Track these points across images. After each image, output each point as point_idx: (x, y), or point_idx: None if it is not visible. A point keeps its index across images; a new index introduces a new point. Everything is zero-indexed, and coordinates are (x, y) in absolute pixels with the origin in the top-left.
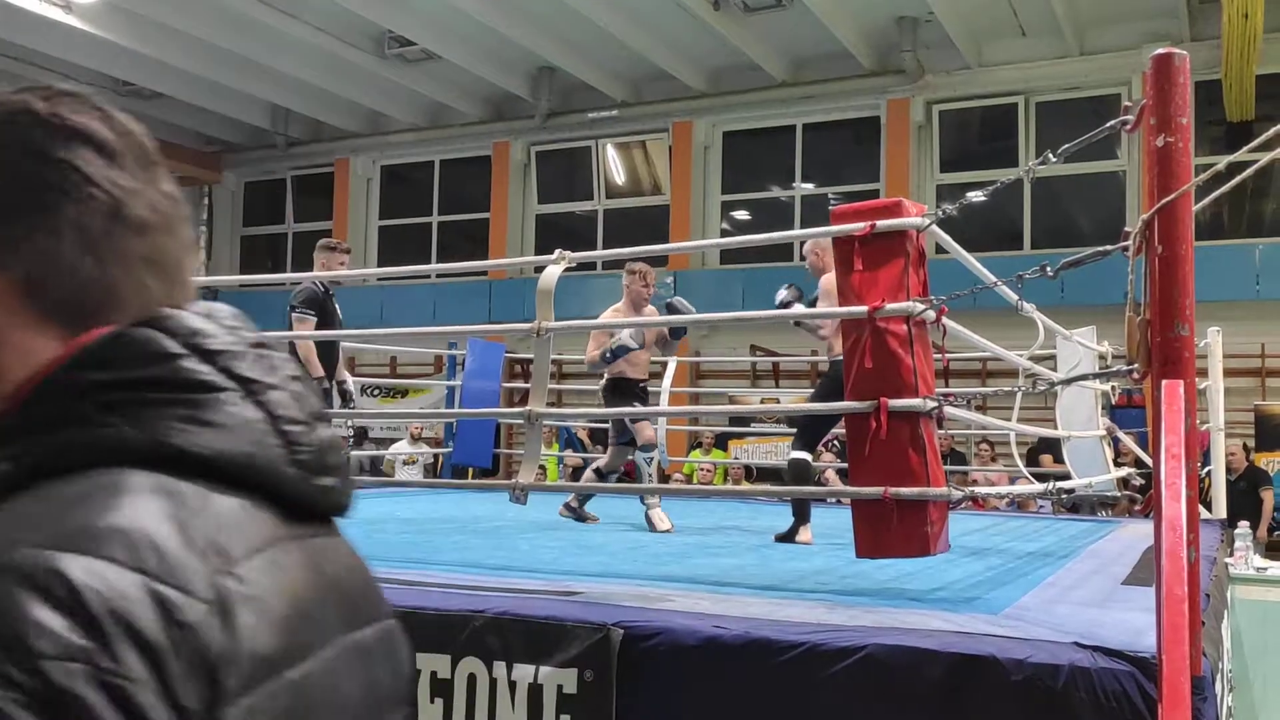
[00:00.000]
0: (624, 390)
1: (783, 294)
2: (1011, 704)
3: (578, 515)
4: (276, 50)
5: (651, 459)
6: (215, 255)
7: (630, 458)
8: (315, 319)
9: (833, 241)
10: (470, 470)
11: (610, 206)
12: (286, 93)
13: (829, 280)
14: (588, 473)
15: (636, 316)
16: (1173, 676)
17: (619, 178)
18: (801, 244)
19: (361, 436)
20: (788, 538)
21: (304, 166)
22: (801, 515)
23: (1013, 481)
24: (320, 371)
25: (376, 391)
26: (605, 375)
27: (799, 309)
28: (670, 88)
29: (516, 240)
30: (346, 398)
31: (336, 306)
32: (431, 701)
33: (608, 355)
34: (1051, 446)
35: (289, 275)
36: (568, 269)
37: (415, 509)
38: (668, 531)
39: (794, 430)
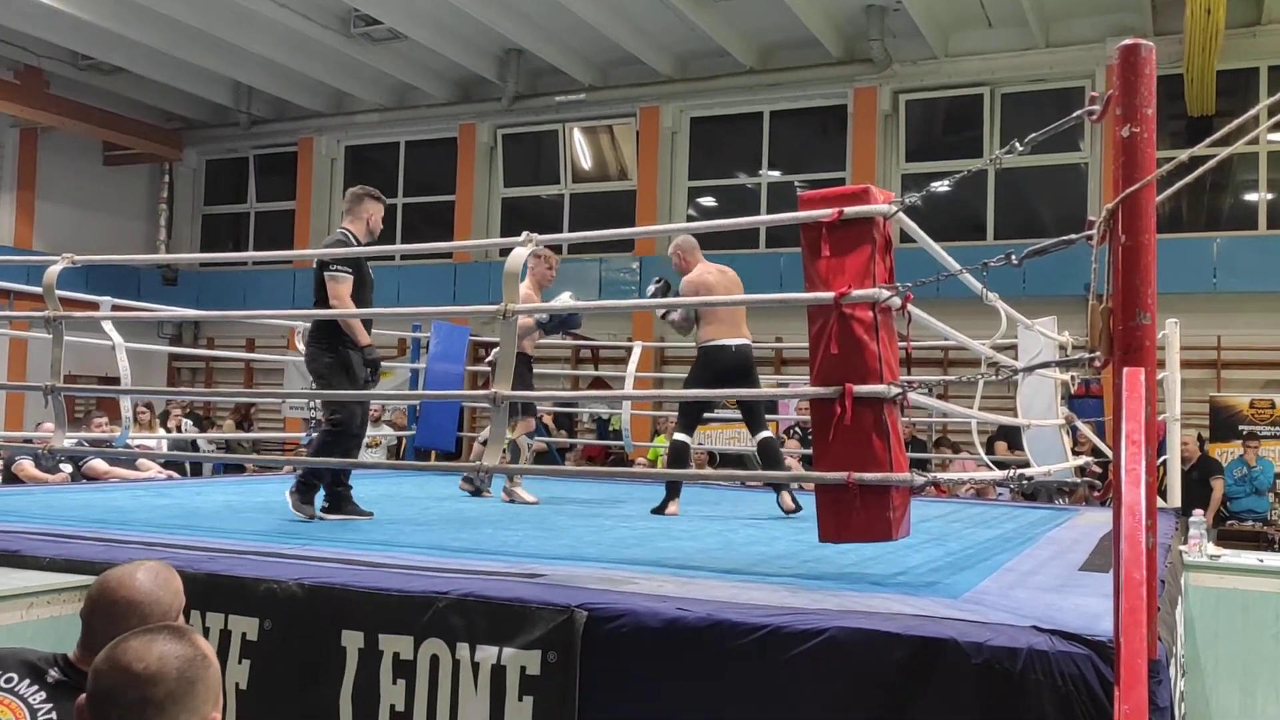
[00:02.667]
0: (527, 364)
1: (652, 287)
2: (971, 686)
3: (511, 497)
4: (240, 26)
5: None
6: (176, 234)
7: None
8: (352, 279)
9: (800, 228)
10: (433, 453)
11: (577, 191)
12: (250, 70)
13: (687, 281)
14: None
15: (538, 298)
16: (1130, 659)
17: (586, 162)
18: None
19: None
20: (660, 509)
21: (267, 145)
22: (673, 490)
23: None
24: (367, 339)
25: None
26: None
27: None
28: (638, 72)
29: (482, 224)
30: (376, 368)
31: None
32: (394, 683)
33: (550, 321)
34: (1008, 435)
35: (251, 254)
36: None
37: (378, 491)
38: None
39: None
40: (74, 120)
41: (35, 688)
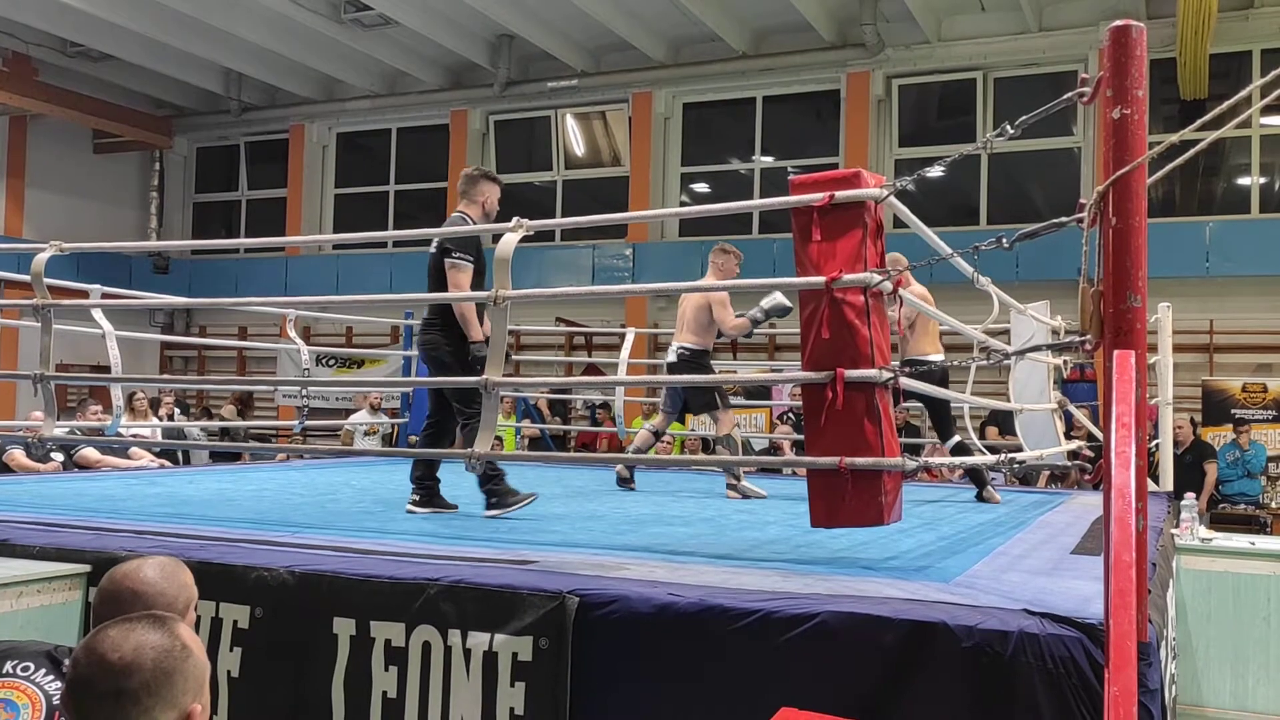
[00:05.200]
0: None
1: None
2: (962, 669)
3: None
4: (230, 12)
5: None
6: (166, 222)
7: None
8: (473, 268)
9: (792, 212)
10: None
11: (569, 177)
12: (240, 57)
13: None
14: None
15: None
16: (1120, 641)
17: (578, 148)
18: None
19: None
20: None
21: (258, 133)
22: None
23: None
24: (481, 334)
25: (333, 361)
26: None
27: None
28: (630, 58)
29: None
30: (481, 365)
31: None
32: (386, 670)
33: (764, 316)
34: (999, 419)
35: (243, 241)
36: (525, 239)
37: (371, 478)
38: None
39: (751, 405)
40: (63, 108)
41: (51, 676)
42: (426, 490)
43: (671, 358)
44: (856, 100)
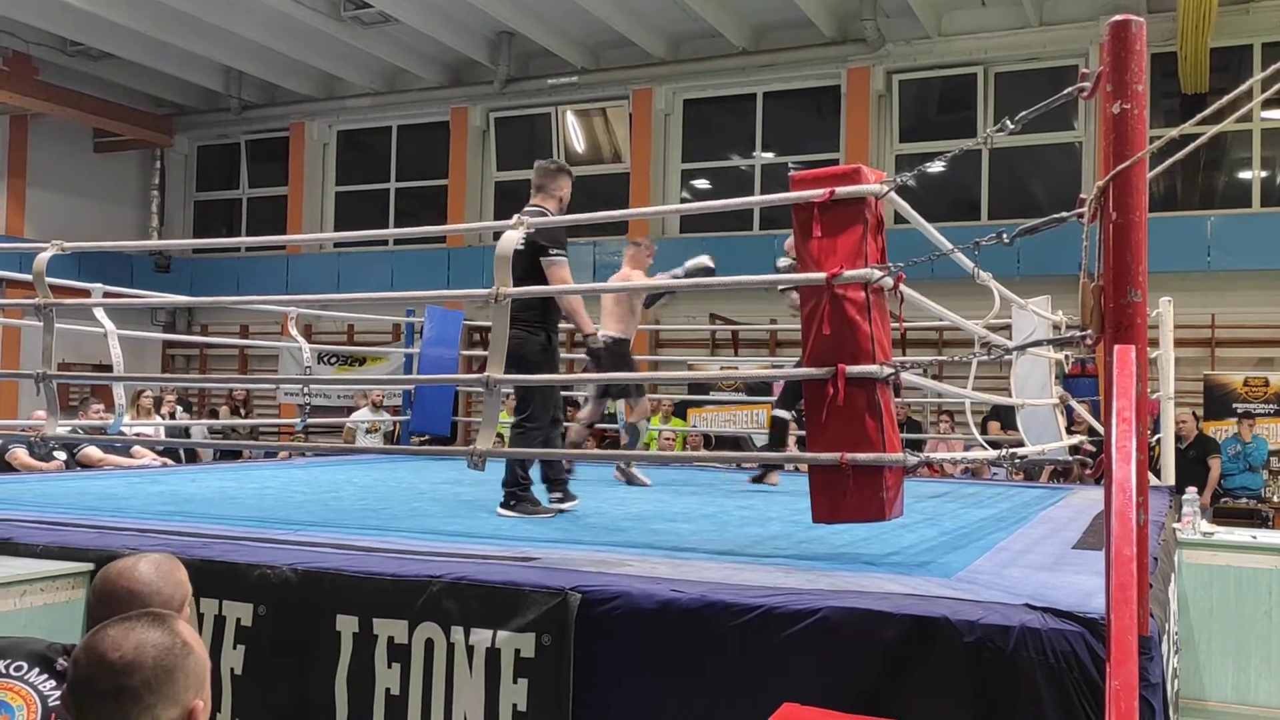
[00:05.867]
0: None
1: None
2: (963, 664)
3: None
4: (230, 11)
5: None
6: (168, 221)
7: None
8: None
9: (792, 208)
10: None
11: None
12: (239, 55)
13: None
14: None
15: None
16: (1121, 634)
17: (579, 145)
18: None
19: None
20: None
21: (258, 131)
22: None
23: (967, 449)
24: (592, 326)
25: (334, 359)
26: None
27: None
28: (630, 54)
29: (475, 208)
30: (597, 360)
31: None
32: (389, 667)
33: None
34: (1000, 414)
35: (244, 240)
36: None
37: (373, 476)
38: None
39: (752, 400)
40: (64, 107)
41: (45, 676)
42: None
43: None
44: (857, 96)
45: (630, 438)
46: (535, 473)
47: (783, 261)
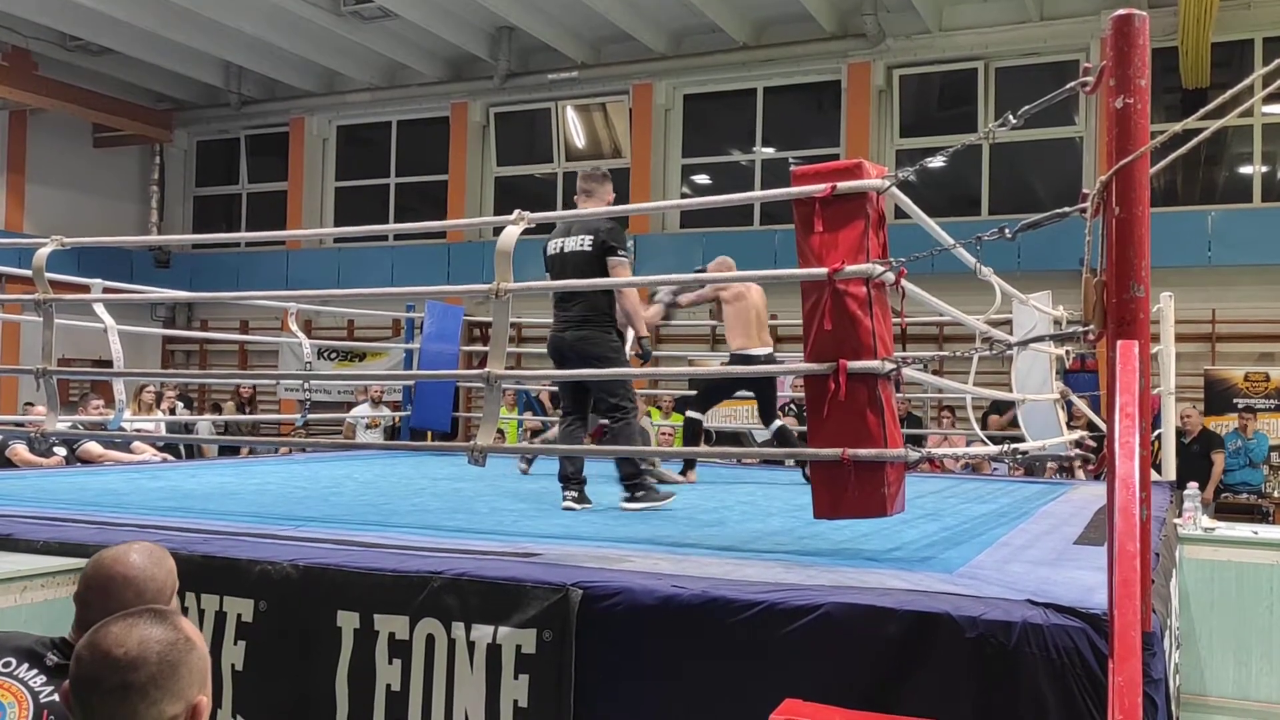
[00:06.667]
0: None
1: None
2: (965, 660)
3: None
4: (229, 6)
5: None
6: (167, 216)
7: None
8: None
9: (793, 203)
10: (429, 433)
11: (570, 169)
12: (239, 50)
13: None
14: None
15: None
16: (1124, 630)
17: (579, 140)
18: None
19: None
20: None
21: (258, 126)
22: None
23: (968, 444)
24: (646, 329)
25: (334, 355)
26: None
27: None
28: (631, 49)
29: (475, 203)
30: (647, 360)
31: None
32: (390, 662)
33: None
34: (1000, 409)
35: (244, 235)
36: (527, 232)
37: (373, 472)
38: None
39: (753, 396)
40: (63, 102)
41: (35, 671)
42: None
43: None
44: (857, 91)
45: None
46: (543, 466)
47: (663, 293)
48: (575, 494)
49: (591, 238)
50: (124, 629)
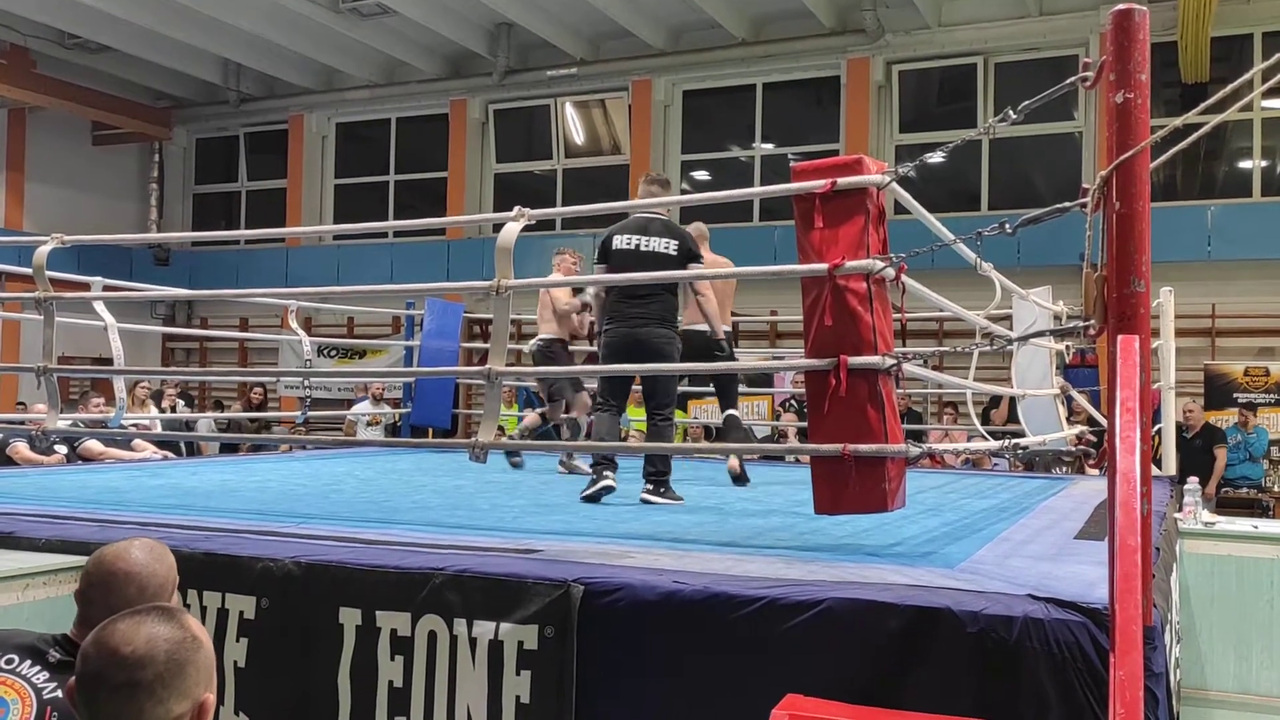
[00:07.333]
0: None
1: None
2: (966, 655)
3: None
4: (228, 3)
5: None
6: (167, 214)
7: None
8: None
9: (794, 199)
10: (430, 430)
11: (569, 166)
12: (238, 47)
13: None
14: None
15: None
16: (1125, 625)
17: (578, 137)
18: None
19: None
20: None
21: (257, 123)
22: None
23: (970, 439)
24: (723, 331)
25: (334, 352)
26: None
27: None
28: (629, 45)
29: (475, 200)
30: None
31: None
32: (392, 659)
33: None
34: (1001, 403)
35: (244, 233)
36: (527, 228)
37: (374, 469)
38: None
39: (754, 392)
40: (62, 100)
41: (38, 668)
42: (661, 479)
43: (533, 346)
44: (857, 86)
45: (572, 432)
46: (534, 460)
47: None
48: (653, 486)
49: (677, 243)
50: (131, 627)
